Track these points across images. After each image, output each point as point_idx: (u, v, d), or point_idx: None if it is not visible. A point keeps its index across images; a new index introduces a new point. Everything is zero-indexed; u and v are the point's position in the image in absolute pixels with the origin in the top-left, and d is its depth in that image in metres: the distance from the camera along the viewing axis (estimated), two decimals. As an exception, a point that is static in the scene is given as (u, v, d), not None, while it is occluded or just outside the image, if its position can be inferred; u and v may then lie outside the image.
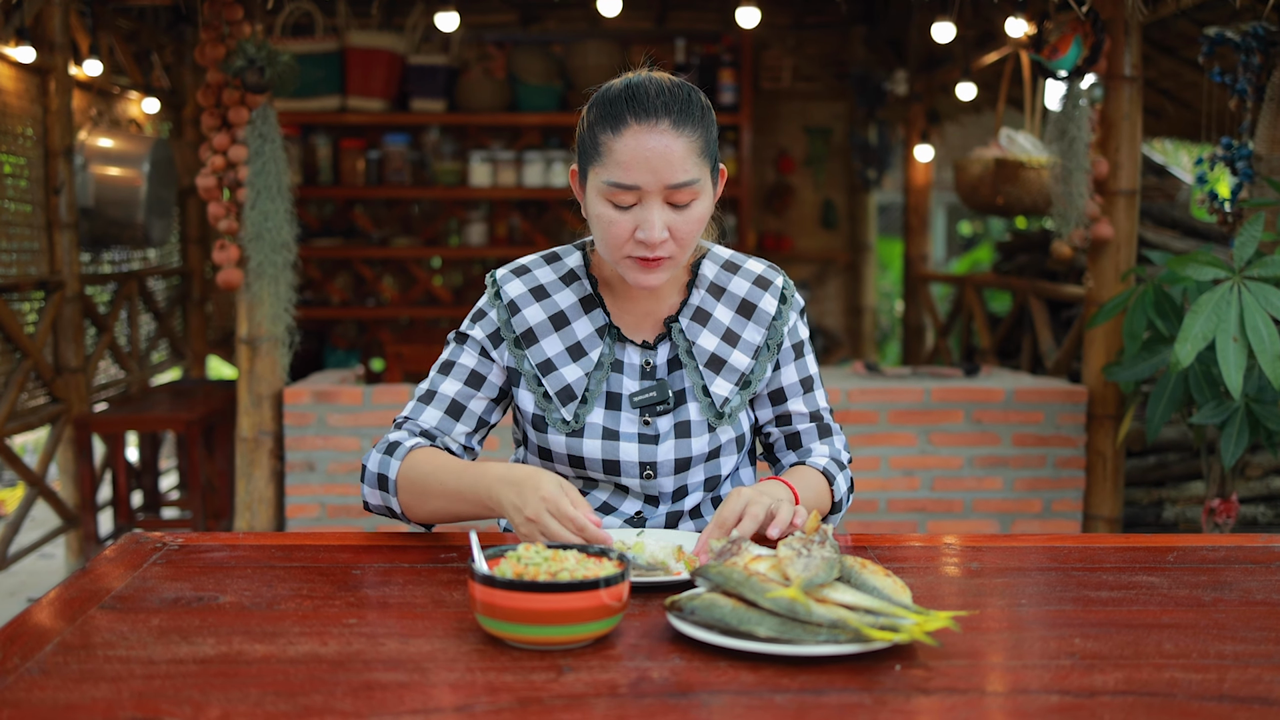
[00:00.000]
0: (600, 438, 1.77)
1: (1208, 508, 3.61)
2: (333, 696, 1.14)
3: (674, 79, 1.70)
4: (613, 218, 1.66)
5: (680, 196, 1.64)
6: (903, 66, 6.98)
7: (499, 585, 1.25)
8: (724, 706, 1.13)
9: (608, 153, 1.65)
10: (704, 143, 1.66)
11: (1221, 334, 3.15)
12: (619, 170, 1.63)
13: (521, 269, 1.84)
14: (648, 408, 1.78)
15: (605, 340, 1.80)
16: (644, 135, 1.62)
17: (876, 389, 4.21)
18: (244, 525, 4.18)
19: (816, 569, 1.32)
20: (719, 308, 1.82)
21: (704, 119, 1.67)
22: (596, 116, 1.67)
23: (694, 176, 1.64)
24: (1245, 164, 3.59)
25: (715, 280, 1.83)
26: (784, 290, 1.85)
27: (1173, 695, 1.17)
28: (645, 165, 1.62)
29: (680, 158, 1.62)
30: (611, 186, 1.64)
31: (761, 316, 1.82)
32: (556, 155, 6.42)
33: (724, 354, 1.80)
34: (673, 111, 1.63)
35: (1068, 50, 3.85)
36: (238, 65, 3.88)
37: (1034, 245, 5.82)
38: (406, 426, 1.80)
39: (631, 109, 1.63)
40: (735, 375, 1.80)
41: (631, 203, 1.64)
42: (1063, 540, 1.80)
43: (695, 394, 1.79)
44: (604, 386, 1.79)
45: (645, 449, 1.77)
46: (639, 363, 1.80)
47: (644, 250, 1.65)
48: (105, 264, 5.37)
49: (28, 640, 1.27)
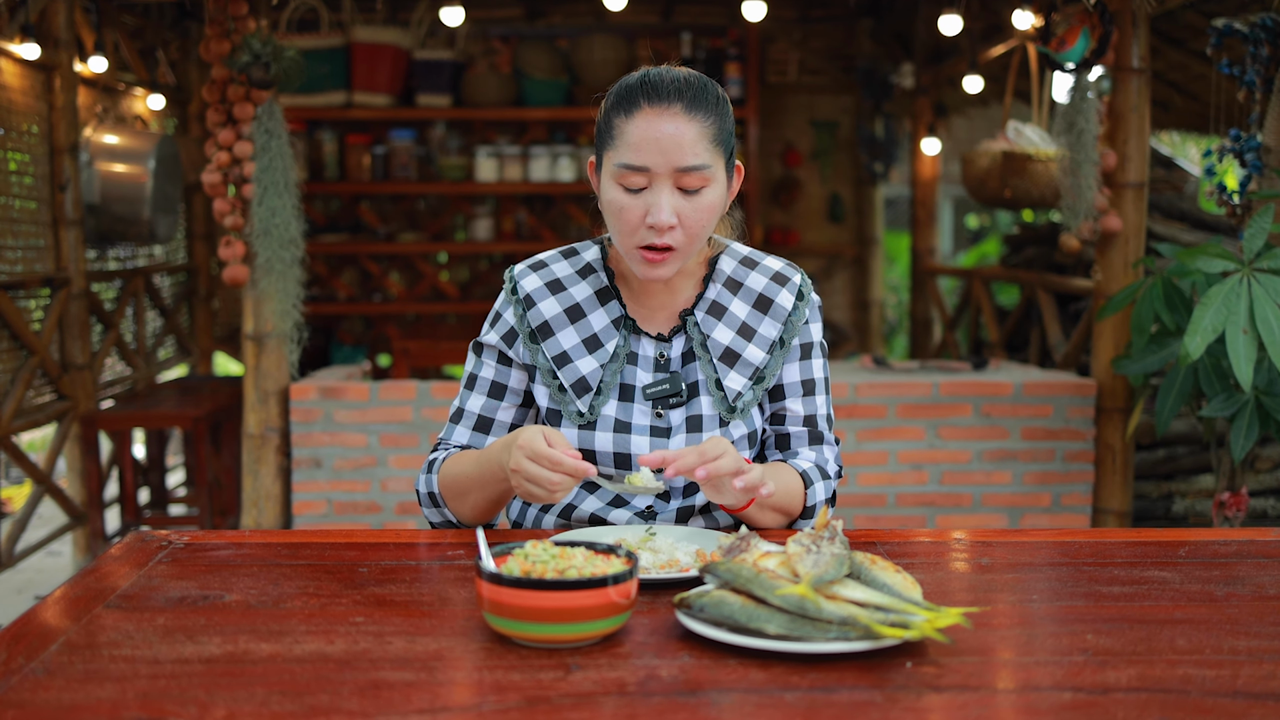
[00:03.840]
0: (612, 430, 1.77)
1: (1217, 501, 3.60)
2: (339, 696, 1.13)
3: (693, 72, 1.72)
4: (624, 202, 1.67)
5: (690, 181, 1.65)
6: (909, 60, 6.96)
7: (506, 583, 1.24)
8: (733, 705, 1.12)
9: (620, 135, 1.67)
10: (717, 130, 1.68)
11: (1231, 326, 3.14)
12: (630, 151, 1.65)
13: (539, 264, 1.86)
14: (660, 400, 1.78)
15: (621, 332, 1.80)
16: (656, 117, 1.64)
17: (884, 383, 4.19)
18: (251, 522, 4.18)
19: (826, 565, 1.31)
20: (735, 302, 1.82)
21: (718, 109, 1.69)
22: (613, 103, 1.70)
23: (704, 161, 1.65)
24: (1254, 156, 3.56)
25: (733, 275, 1.84)
26: (801, 287, 1.84)
27: (1186, 692, 1.16)
28: (655, 146, 1.64)
29: (691, 141, 1.64)
30: (622, 168, 1.66)
31: (778, 311, 1.82)
32: (562, 150, 6.41)
33: (739, 348, 1.80)
34: (685, 97, 1.66)
35: (1075, 42, 3.83)
36: (243, 61, 3.87)
37: (1042, 238, 5.80)
38: (442, 447, 1.86)
39: (645, 93, 1.66)
40: (749, 369, 1.80)
41: (642, 185, 1.66)
42: (1073, 535, 1.79)
43: (709, 387, 1.79)
44: (619, 378, 1.79)
45: (657, 442, 1.77)
46: (653, 355, 1.81)
47: (653, 236, 1.66)
48: (111, 261, 5.37)
49: (32, 640, 1.27)
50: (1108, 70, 4.01)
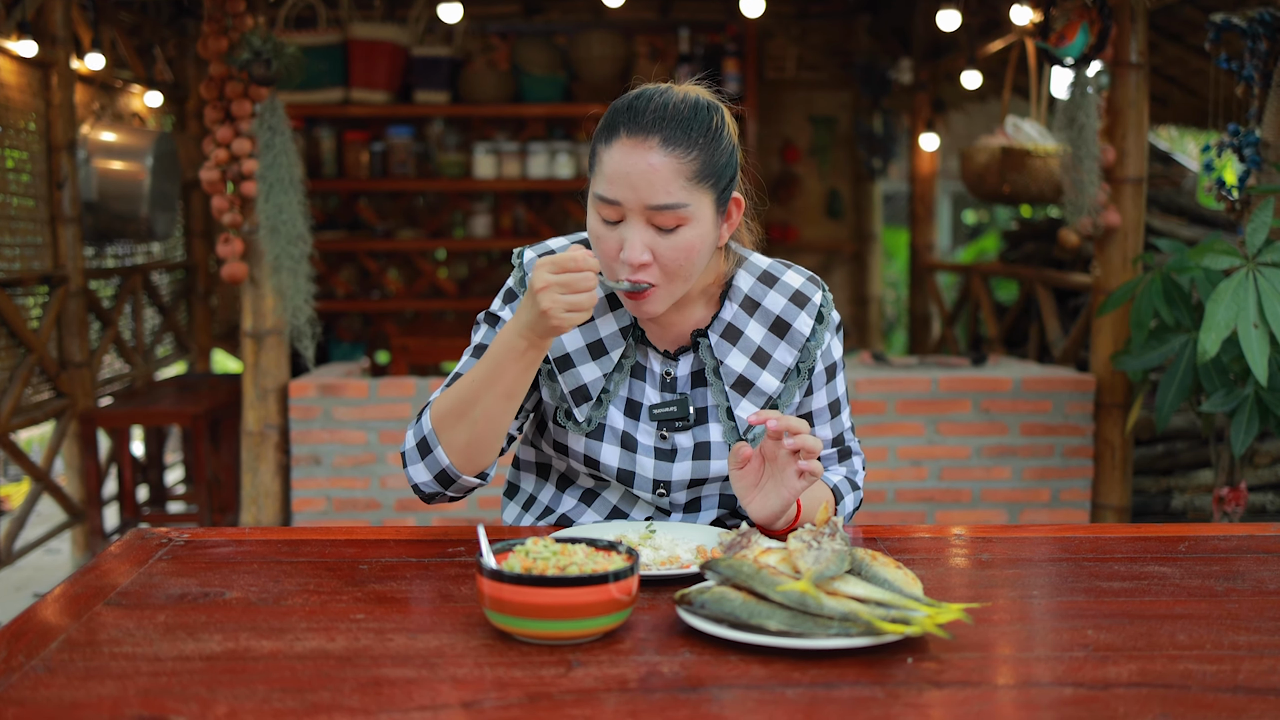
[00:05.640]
0: (619, 445, 1.71)
1: (1217, 496, 3.60)
2: (340, 693, 1.13)
3: (696, 97, 1.61)
4: (600, 233, 1.60)
5: (663, 220, 1.55)
6: (908, 55, 6.95)
7: (507, 580, 1.24)
8: (735, 701, 1.12)
9: (599, 164, 1.59)
10: (701, 166, 1.56)
11: (1242, 321, 3.14)
12: (604, 183, 1.57)
13: (548, 253, 1.76)
14: (666, 423, 1.72)
15: (628, 341, 1.73)
16: (631, 150, 1.55)
17: (884, 379, 4.20)
18: (250, 519, 4.18)
19: (827, 561, 1.30)
20: (751, 324, 1.72)
21: (707, 141, 1.57)
22: (600, 125, 1.61)
23: (678, 200, 1.54)
24: (1252, 151, 3.56)
25: (750, 294, 1.74)
26: (821, 309, 1.75)
27: (1187, 687, 1.16)
28: (626, 181, 1.54)
29: (665, 179, 1.54)
30: (598, 199, 1.58)
31: (795, 337, 1.73)
32: (561, 146, 6.40)
33: (752, 375, 1.72)
34: (666, 129, 1.54)
35: (1075, 37, 3.83)
36: (243, 58, 3.87)
37: (1040, 234, 5.80)
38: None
39: (625, 121, 1.56)
40: (762, 398, 1.72)
41: (616, 219, 1.57)
42: (1073, 530, 1.79)
43: (719, 415, 1.72)
44: (622, 390, 1.73)
45: (661, 465, 1.72)
46: (659, 372, 1.74)
47: (627, 271, 1.58)
48: (109, 258, 5.37)
49: (33, 637, 1.27)
50: (1106, 65, 4.01)
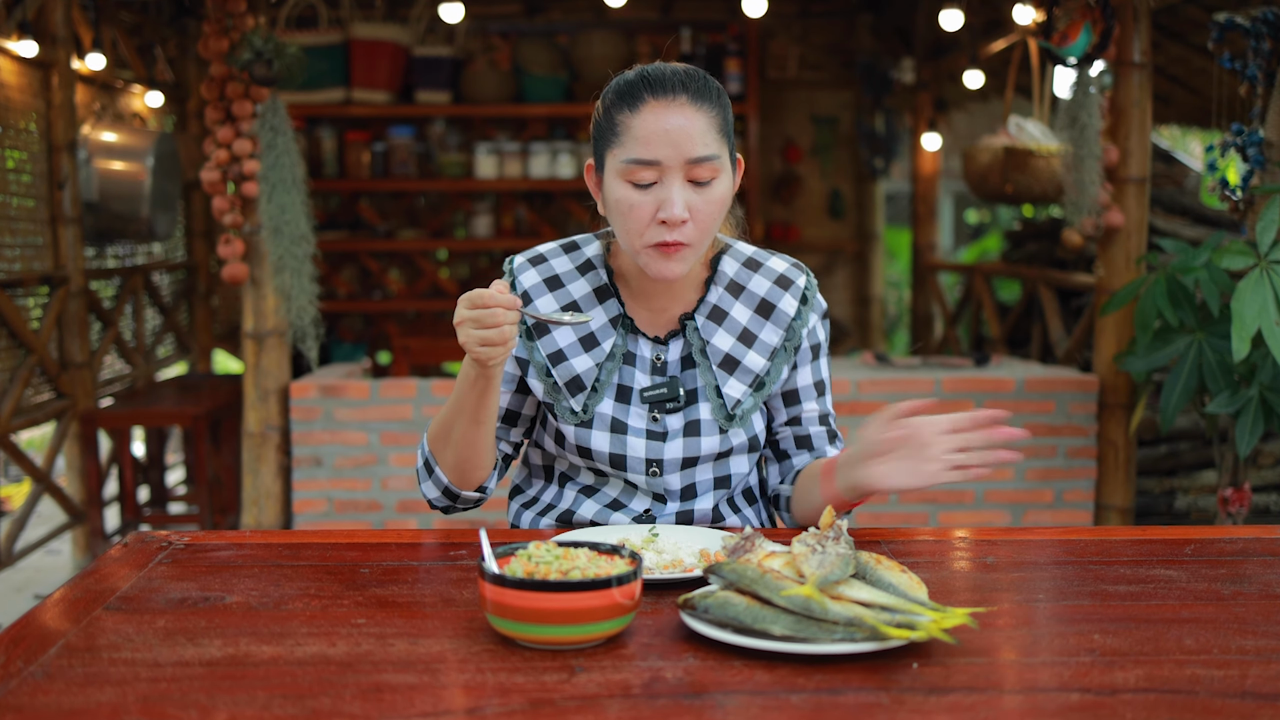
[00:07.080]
0: (609, 430, 1.75)
1: (1221, 497, 3.59)
2: (341, 699, 1.12)
3: (689, 65, 1.71)
4: (634, 200, 1.63)
5: (701, 172, 1.62)
6: (910, 54, 6.95)
7: (509, 584, 1.23)
8: (739, 707, 1.12)
9: (626, 131, 1.63)
10: (722, 121, 1.66)
11: (1265, 320, 3.13)
12: (639, 146, 1.62)
13: (538, 258, 1.82)
14: (657, 404, 1.76)
15: (618, 331, 1.78)
16: (663, 110, 1.62)
17: (887, 379, 4.19)
18: (251, 520, 4.17)
19: (832, 566, 1.30)
20: (737, 306, 1.78)
21: (720, 100, 1.67)
22: (613, 100, 1.67)
23: (715, 152, 1.63)
24: (1256, 150, 3.55)
25: (735, 278, 1.80)
26: (805, 291, 1.81)
27: (1195, 692, 1.15)
28: (665, 139, 1.61)
29: (700, 131, 1.62)
30: (631, 164, 1.62)
31: (780, 317, 1.78)
32: (562, 146, 6.39)
33: (739, 354, 1.77)
34: (689, 88, 1.63)
35: (1077, 37, 3.82)
36: (245, 58, 3.86)
37: (1043, 234, 5.79)
38: None
39: (648, 87, 1.63)
40: (749, 377, 1.77)
41: (652, 180, 1.62)
42: (1077, 533, 1.78)
43: (707, 394, 1.77)
44: (614, 378, 1.77)
45: (652, 445, 1.75)
46: (650, 357, 1.78)
47: (666, 233, 1.62)
48: (110, 258, 5.36)
49: (31, 643, 1.26)
50: (1109, 65, 4.00)
